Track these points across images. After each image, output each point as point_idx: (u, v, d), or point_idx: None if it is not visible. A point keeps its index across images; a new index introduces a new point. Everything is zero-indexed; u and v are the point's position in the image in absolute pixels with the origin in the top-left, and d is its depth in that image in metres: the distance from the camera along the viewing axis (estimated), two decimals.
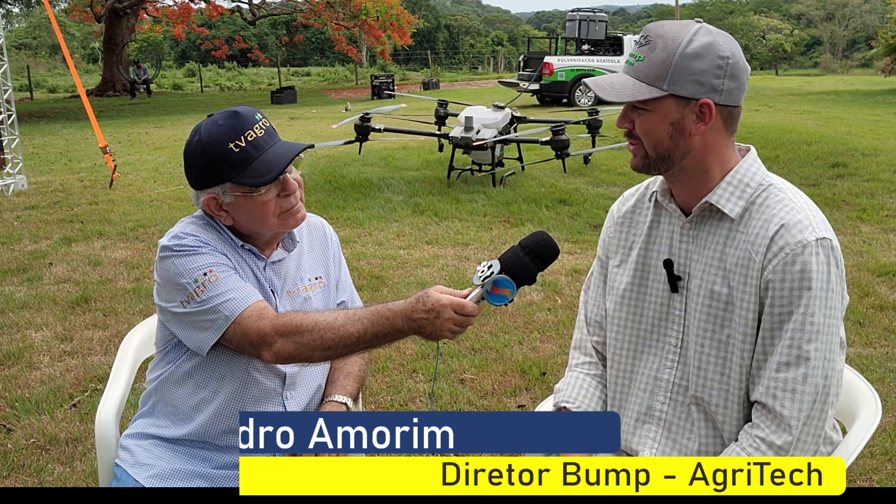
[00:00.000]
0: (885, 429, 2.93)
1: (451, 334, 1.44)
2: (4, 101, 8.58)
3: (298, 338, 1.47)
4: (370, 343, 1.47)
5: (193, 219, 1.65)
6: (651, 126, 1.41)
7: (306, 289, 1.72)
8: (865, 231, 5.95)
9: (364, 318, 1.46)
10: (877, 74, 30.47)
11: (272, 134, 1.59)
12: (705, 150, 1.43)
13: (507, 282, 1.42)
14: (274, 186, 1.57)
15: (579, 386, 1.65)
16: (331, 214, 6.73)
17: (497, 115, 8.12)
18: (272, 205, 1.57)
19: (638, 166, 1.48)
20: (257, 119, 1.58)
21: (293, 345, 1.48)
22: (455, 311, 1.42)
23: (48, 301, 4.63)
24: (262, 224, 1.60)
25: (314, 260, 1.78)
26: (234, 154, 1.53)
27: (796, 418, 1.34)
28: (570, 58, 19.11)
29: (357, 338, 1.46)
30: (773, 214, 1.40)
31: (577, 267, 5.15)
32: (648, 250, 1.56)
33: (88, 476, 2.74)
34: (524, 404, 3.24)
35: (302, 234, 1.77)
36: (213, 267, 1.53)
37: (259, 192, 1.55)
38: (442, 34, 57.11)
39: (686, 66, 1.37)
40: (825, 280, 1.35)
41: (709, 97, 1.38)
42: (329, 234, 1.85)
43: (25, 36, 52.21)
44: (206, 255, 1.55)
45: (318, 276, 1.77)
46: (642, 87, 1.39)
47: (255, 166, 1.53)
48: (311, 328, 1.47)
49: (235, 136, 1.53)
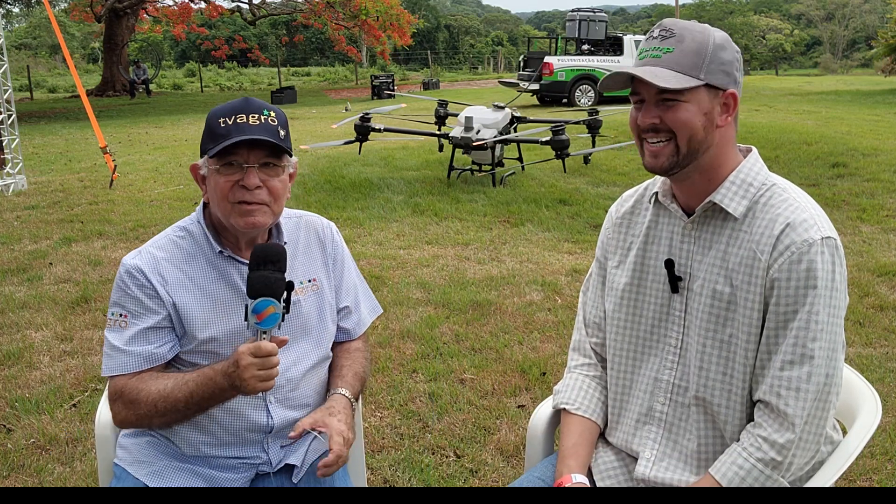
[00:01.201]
0: (885, 429, 2.93)
1: (257, 381, 1.43)
2: (4, 101, 8.58)
3: (136, 409, 1.54)
4: (199, 405, 1.51)
5: (175, 230, 1.67)
6: (688, 117, 1.38)
7: (296, 292, 1.67)
8: (865, 231, 5.95)
9: (191, 381, 1.51)
10: (877, 74, 30.46)
11: (268, 129, 1.55)
12: (721, 145, 1.44)
13: (263, 302, 1.42)
14: (223, 166, 1.54)
15: (578, 387, 1.65)
16: (331, 214, 6.72)
17: (497, 115, 8.13)
18: (225, 186, 1.54)
19: (664, 166, 1.41)
20: (264, 112, 1.56)
21: (134, 416, 1.55)
22: (252, 355, 1.42)
23: (48, 301, 4.63)
24: (219, 206, 1.57)
25: (308, 262, 1.74)
26: (219, 129, 1.53)
27: (800, 416, 1.34)
28: (570, 58, 19.11)
29: (185, 402, 1.51)
30: (778, 214, 1.40)
31: (577, 267, 5.16)
32: (647, 251, 1.56)
33: (88, 476, 2.74)
34: (524, 404, 3.24)
35: (298, 236, 1.74)
36: (129, 315, 1.57)
37: (215, 166, 1.53)
38: (442, 34, 57.11)
39: (717, 57, 1.39)
40: (830, 279, 1.36)
41: (733, 88, 1.41)
42: (328, 236, 1.80)
43: (25, 36, 52.20)
44: (133, 298, 1.57)
45: (312, 278, 1.73)
46: (680, 76, 1.36)
47: (222, 143, 1.52)
48: (145, 399, 1.52)
49: (228, 115, 1.54)
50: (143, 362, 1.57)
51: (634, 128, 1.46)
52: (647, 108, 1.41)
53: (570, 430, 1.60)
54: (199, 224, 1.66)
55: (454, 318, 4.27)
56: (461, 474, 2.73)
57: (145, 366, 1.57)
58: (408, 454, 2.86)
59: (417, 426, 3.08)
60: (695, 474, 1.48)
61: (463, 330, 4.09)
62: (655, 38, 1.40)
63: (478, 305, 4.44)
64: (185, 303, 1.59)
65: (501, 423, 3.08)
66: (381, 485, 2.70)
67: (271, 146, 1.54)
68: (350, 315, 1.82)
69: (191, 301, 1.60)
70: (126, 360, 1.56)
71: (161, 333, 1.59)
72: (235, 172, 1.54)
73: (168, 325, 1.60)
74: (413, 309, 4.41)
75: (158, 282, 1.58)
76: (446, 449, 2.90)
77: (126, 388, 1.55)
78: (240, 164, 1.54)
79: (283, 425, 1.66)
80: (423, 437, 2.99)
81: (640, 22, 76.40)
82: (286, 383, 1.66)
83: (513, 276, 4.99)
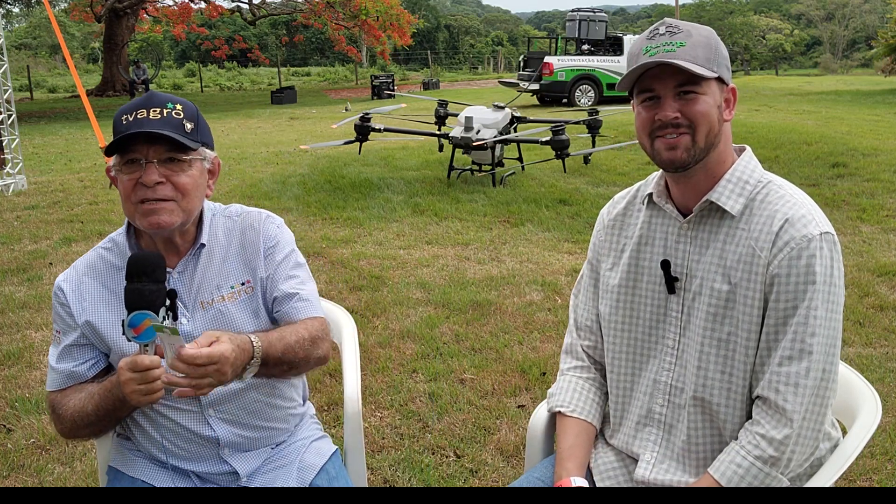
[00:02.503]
0: (885, 429, 2.93)
1: (139, 395, 1.38)
2: (4, 101, 8.58)
3: (62, 423, 1.57)
4: (108, 416, 1.52)
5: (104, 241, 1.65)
6: (706, 109, 1.38)
7: (223, 299, 1.59)
8: (865, 231, 5.95)
9: (96, 394, 1.52)
10: (877, 74, 30.46)
11: (169, 122, 1.46)
12: (725, 141, 1.45)
13: (138, 315, 1.36)
14: (124, 165, 1.47)
15: (573, 389, 1.65)
16: (331, 214, 6.73)
17: (497, 115, 8.13)
18: (128, 185, 1.47)
19: (683, 158, 1.39)
20: (168, 105, 1.49)
21: (65, 429, 1.57)
22: (131, 370, 1.36)
23: (48, 301, 4.63)
24: (125, 208, 1.52)
25: (240, 264, 1.63)
26: (120, 126, 1.47)
27: (798, 412, 1.35)
28: (570, 58, 19.11)
29: (95, 414, 1.52)
30: (776, 210, 1.40)
31: (577, 267, 5.15)
32: (641, 252, 1.56)
33: (88, 476, 2.74)
34: (524, 404, 3.24)
35: (231, 237, 1.64)
36: (61, 331, 1.59)
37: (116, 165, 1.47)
38: (442, 34, 57.10)
39: (720, 52, 1.41)
40: (829, 274, 1.36)
41: (732, 84, 1.44)
42: (264, 230, 1.65)
43: (25, 36, 52.19)
44: (59, 316, 1.59)
45: (245, 280, 1.62)
46: (699, 67, 1.36)
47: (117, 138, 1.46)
48: (65, 415, 1.55)
49: (130, 111, 1.48)
50: (66, 380, 1.58)
51: (649, 124, 1.42)
52: (665, 102, 1.39)
53: (566, 432, 1.60)
54: (123, 234, 1.62)
55: (454, 318, 4.27)
56: (461, 474, 2.73)
57: (68, 383, 1.58)
58: (408, 454, 2.86)
59: (417, 426, 3.08)
60: (695, 476, 1.48)
61: (463, 330, 4.08)
62: (663, 35, 1.39)
63: (478, 305, 4.44)
64: (104, 318, 1.56)
65: (501, 423, 3.08)
66: (381, 485, 2.70)
67: (172, 141, 1.46)
68: (289, 300, 1.63)
69: (110, 315, 1.57)
70: (54, 377, 1.59)
71: (82, 351, 1.59)
72: (136, 170, 1.46)
73: (86, 342, 1.58)
74: (413, 309, 4.41)
75: (76, 300, 1.57)
76: (446, 449, 2.90)
77: (55, 404, 1.58)
78: (138, 160, 1.46)
79: (231, 438, 1.62)
80: (423, 437, 2.99)
81: (640, 22, 76.40)
82: (224, 395, 1.59)
83: (513, 276, 4.99)
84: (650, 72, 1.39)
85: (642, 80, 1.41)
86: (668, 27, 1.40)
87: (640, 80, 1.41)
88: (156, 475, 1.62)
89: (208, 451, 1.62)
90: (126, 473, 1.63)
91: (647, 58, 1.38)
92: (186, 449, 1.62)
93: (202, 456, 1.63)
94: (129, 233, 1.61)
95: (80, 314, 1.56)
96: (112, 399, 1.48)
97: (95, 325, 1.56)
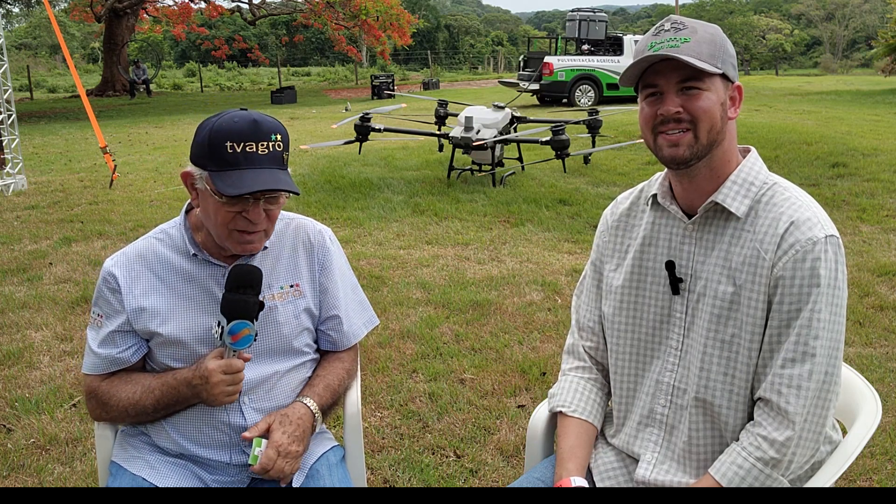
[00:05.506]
0: (885, 429, 2.93)
1: (225, 396, 1.56)
2: (4, 101, 8.58)
3: (108, 411, 1.65)
4: (166, 410, 1.62)
5: (157, 232, 1.69)
6: (709, 105, 1.38)
7: (273, 297, 1.67)
8: (865, 231, 5.95)
9: (156, 389, 1.61)
10: (877, 74, 30.45)
11: (275, 158, 1.53)
12: (729, 140, 1.44)
13: (239, 324, 1.53)
14: (234, 203, 1.53)
15: (574, 390, 1.65)
16: (331, 214, 6.73)
17: (497, 115, 8.13)
18: (227, 216, 1.54)
19: (684, 155, 1.39)
20: (271, 138, 1.53)
21: (107, 416, 1.67)
22: (224, 373, 1.54)
23: (48, 301, 4.63)
24: (213, 226, 1.58)
25: (292, 266, 1.72)
26: (226, 154, 1.50)
27: (800, 414, 1.34)
28: (570, 58, 19.10)
29: (153, 408, 1.61)
30: (782, 212, 1.40)
31: (577, 267, 5.16)
32: (645, 253, 1.55)
33: (88, 476, 2.74)
34: (524, 404, 3.24)
35: (284, 240, 1.72)
36: (104, 315, 1.65)
37: (221, 198, 1.52)
38: (442, 34, 57.09)
39: (726, 49, 1.40)
40: (833, 277, 1.36)
41: (738, 82, 1.43)
42: (319, 241, 1.76)
43: (25, 36, 52.20)
44: (105, 301, 1.64)
45: (294, 283, 1.71)
46: (702, 63, 1.36)
47: (231, 175, 1.50)
48: (116, 405, 1.63)
49: (237, 139, 1.51)
50: (110, 365, 1.64)
51: (651, 120, 1.41)
52: (667, 97, 1.39)
53: (567, 432, 1.60)
54: (178, 227, 1.67)
55: (454, 318, 4.27)
56: (461, 474, 2.73)
57: (111, 368, 1.65)
58: (408, 454, 2.86)
59: (417, 426, 3.08)
60: (695, 477, 1.47)
61: (463, 330, 4.09)
62: (668, 31, 1.38)
63: (478, 305, 4.44)
64: (153, 305, 1.62)
65: (501, 423, 3.08)
66: (381, 485, 2.70)
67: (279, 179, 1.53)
68: (338, 326, 1.78)
69: (160, 303, 1.62)
70: (96, 361, 1.65)
71: (126, 337, 1.64)
72: (238, 203, 1.53)
73: (129, 329, 1.64)
74: (413, 309, 4.41)
75: (127, 287, 1.62)
76: (446, 449, 2.90)
77: (99, 391, 1.64)
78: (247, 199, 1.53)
79: None
80: (423, 437, 2.99)
81: (640, 22, 76.43)
82: (261, 386, 1.66)
83: (513, 276, 4.99)
84: (654, 67, 1.39)
85: (646, 75, 1.41)
86: (673, 23, 1.40)
87: (644, 75, 1.41)
88: (159, 471, 1.63)
89: (232, 440, 1.65)
90: (128, 470, 1.64)
91: (653, 53, 1.37)
92: (210, 435, 1.65)
93: (223, 444, 1.65)
94: (186, 229, 1.67)
95: (130, 300, 1.62)
96: (176, 396, 1.59)
97: (146, 311, 1.62)
